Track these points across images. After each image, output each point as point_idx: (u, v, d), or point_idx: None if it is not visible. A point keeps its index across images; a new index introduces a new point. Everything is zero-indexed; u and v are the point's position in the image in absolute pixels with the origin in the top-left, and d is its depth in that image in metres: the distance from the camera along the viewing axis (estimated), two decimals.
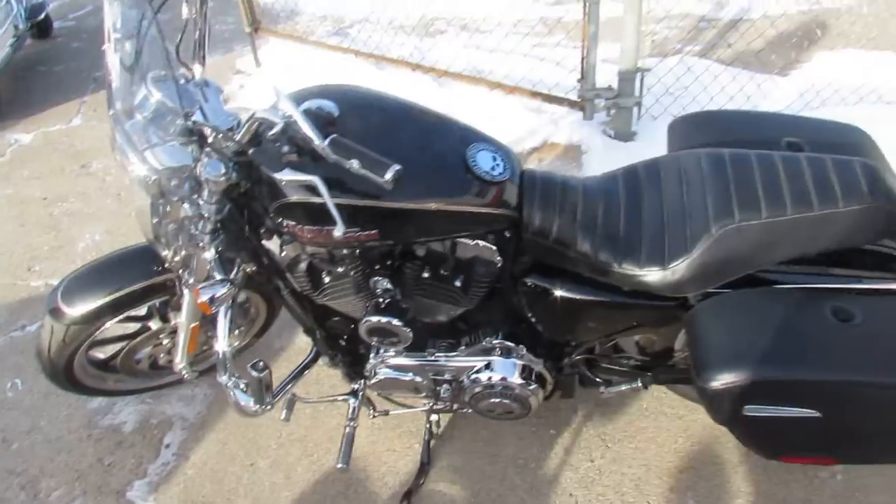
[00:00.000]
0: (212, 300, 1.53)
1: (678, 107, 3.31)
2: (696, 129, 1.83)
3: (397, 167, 1.25)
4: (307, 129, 1.23)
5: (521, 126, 3.51)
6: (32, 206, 3.39)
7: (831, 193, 1.43)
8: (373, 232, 1.49)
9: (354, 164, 1.26)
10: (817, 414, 1.37)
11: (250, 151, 1.38)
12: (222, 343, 1.63)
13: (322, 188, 1.29)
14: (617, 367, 1.90)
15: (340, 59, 4.20)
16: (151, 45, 1.54)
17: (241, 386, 1.66)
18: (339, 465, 1.83)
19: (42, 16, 4.80)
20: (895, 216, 1.43)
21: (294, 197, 1.44)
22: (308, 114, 1.33)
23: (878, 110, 3.34)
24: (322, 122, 1.34)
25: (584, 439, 2.05)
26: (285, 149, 1.32)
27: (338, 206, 1.39)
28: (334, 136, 1.28)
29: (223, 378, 1.65)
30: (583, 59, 3.21)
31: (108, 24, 1.43)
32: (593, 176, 1.72)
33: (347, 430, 1.89)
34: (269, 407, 1.69)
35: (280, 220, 1.51)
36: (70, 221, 3.24)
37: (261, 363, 1.63)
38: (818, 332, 1.38)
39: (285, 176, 1.34)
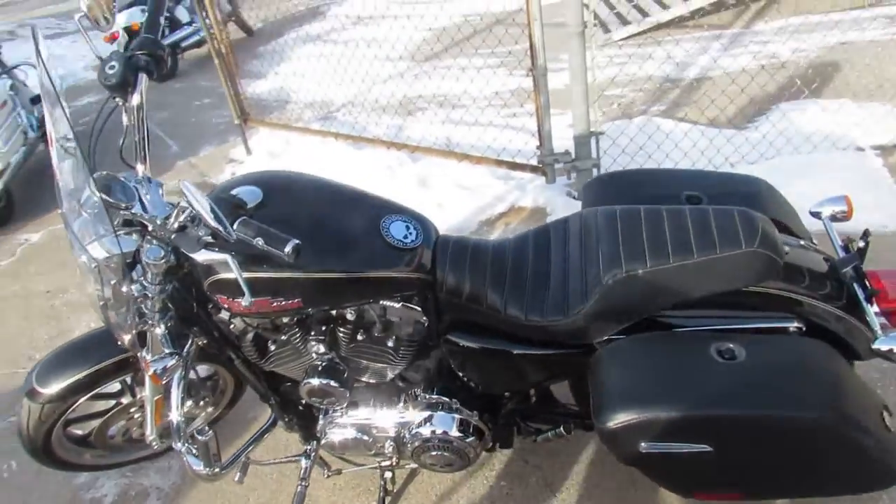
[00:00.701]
0: (162, 371, 1.69)
1: (635, 165, 3.48)
2: (608, 189, 1.98)
3: (296, 242, 1.41)
4: (206, 215, 1.40)
5: (490, 193, 3.70)
6: (36, 300, 3.62)
7: (710, 241, 1.56)
8: (296, 301, 1.65)
9: (259, 242, 1.43)
10: (709, 448, 1.47)
11: (173, 237, 1.55)
12: (175, 412, 1.78)
13: (233, 264, 1.45)
14: (550, 416, 2.00)
15: (322, 142, 4.46)
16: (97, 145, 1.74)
17: (194, 451, 1.80)
18: None
19: None
20: (772, 259, 1.54)
21: (222, 273, 1.60)
22: (221, 200, 1.52)
23: (832, 157, 3.47)
24: (231, 207, 1.52)
25: (533, 489, 2.14)
26: (202, 232, 1.50)
27: (262, 279, 1.58)
28: (243, 217, 1.46)
29: (177, 444, 1.80)
30: (538, 127, 3.42)
31: (50, 129, 1.62)
32: (507, 238, 1.87)
33: (299, 489, 2.01)
34: (217, 470, 1.83)
35: (214, 295, 1.67)
36: (69, 311, 3.45)
37: (205, 428, 1.77)
38: (703, 371, 1.49)
39: (202, 256, 1.52)
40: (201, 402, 2.28)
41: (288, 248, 1.41)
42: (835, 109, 3.90)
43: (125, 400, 2.19)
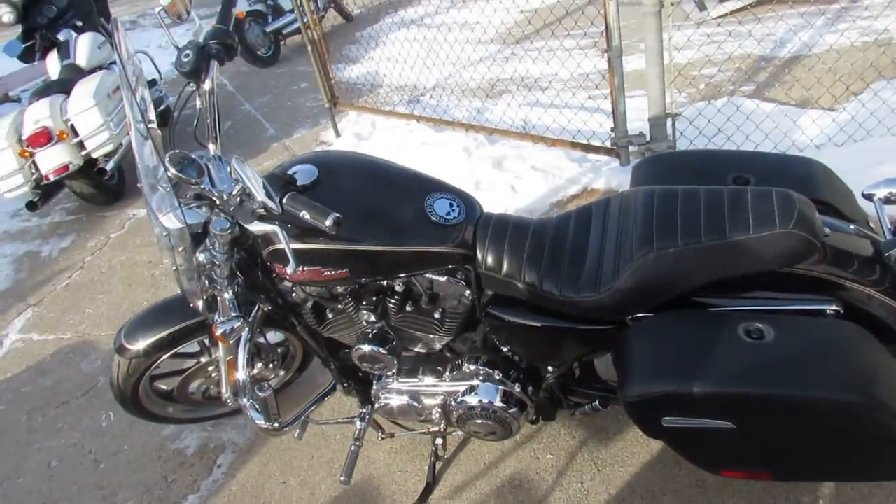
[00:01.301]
0: (229, 333, 1.87)
1: (714, 147, 3.40)
2: (656, 170, 1.99)
3: (337, 215, 1.52)
4: (254, 189, 1.54)
5: (564, 175, 3.72)
6: (139, 269, 3.97)
7: (744, 222, 1.56)
8: (344, 271, 1.77)
9: (305, 215, 1.55)
10: (731, 425, 1.48)
11: (231, 209, 1.70)
12: (241, 371, 1.96)
13: (281, 234, 1.59)
14: (591, 391, 2.04)
15: (406, 125, 4.60)
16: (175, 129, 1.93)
17: (256, 407, 1.97)
18: (342, 479, 2.08)
19: (162, 107, 5.56)
20: (808, 240, 1.52)
21: (277, 244, 1.75)
22: (274, 177, 1.66)
23: None
24: (283, 182, 1.66)
25: (578, 463, 2.19)
26: (255, 205, 1.64)
27: (313, 250, 1.71)
28: (291, 192, 1.59)
29: (243, 400, 1.98)
30: (613, 108, 3.40)
31: (128, 113, 1.81)
32: (548, 217, 1.92)
33: (353, 448, 2.14)
34: (277, 425, 1.99)
35: (272, 264, 1.82)
36: (167, 280, 3.76)
37: (265, 385, 1.94)
38: (728, 349, 1.49)
39: (255, 227, 1.66)
40: (270, 365, 2.47)
41: (329, 221, 1.52)
42: None
43: (204, 359, 2.41)
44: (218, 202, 1.74)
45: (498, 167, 3.89)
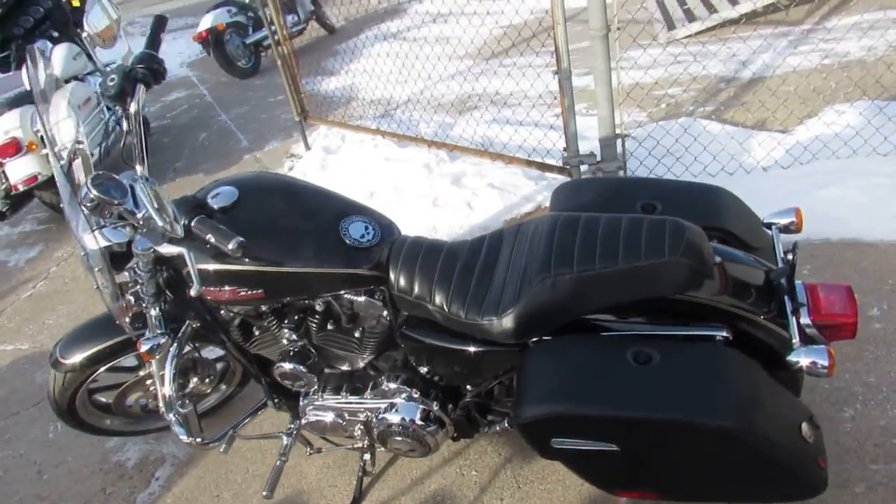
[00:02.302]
0: (154, 349, 1.92)
1: (662, 167, 3.47)
2: (573, 195, 2.05)
3: (240, 239, 1.58)
4: (153, 214, 1.60)
5: (519, 193, 3.78)
6: None
7: (636, 250, 1.62)
8: (259, 291, 1.82)
9: (211, 238, 1.61)
10: (615, 448, 1.54)
11: (144, 231, 1.75)
12: (166, 386, 2.01)
13: (187, 256, 1.64)
14: (504, 409, 2.09)
15: (372, 139, 4.66)
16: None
17: (181, 421, 2.02)
18: (264, 493, 2.12)
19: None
20: (695, 268, 1.58)
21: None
22: (185, 201, 1.72)
23: (871, 162, 3.32)
24: (192, 206, 1.71)
25: (500, 480, 2.24)
26: (168, 228, 1.70)
27: (229, 271, 1.77)
28: (200, 216, 1.65)
29: (169, 415, 2.03)
30: (564, 129, 3.46)
31: (48, 136, 1.86)
32: (462, 240, 1.97)
33: (278, 463, 2.19)
34: (200, 440, 2.04)
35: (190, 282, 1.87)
36: None
37: (186, 402, 2.00)
38: (615, 373, 1.55)
39: (164, 249, 1.72)
40: (207, 380, 2.51)
41: (232, 245, 1.58)
42: (885, 113, 3.71)
43: (142, 373, 2.45)
44: (141, 222, 1.78)
45: (457, 184, 3.95)
